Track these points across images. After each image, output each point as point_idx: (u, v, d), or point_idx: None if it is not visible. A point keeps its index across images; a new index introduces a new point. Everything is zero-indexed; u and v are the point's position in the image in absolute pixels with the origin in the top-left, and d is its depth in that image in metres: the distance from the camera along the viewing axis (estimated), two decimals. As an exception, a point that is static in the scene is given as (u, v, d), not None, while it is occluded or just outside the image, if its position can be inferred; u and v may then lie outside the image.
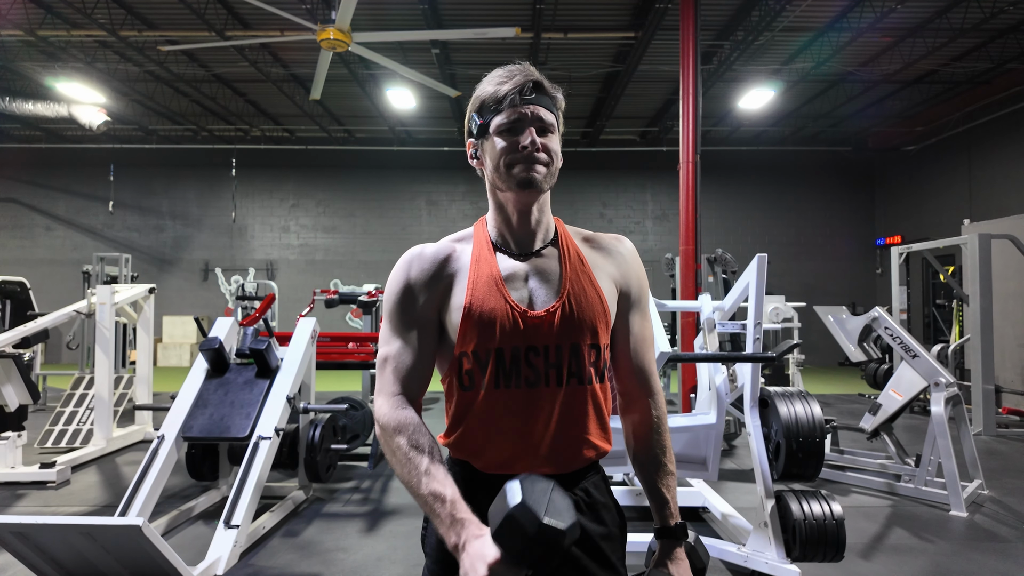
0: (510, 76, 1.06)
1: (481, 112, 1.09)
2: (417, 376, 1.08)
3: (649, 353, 1.18)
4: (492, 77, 1.09)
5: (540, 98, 1.07)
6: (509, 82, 1.06)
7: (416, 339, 1.08)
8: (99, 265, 8.05)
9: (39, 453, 5.02)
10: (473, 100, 1.10)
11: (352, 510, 3.87)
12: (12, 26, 7.77)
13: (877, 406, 4.49)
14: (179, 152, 12.96)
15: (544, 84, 1.08)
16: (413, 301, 1.08)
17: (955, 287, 6.82)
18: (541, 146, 1.05)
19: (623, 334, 1.16)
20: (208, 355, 3.65)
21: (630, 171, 13.18)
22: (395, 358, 1.08)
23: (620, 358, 1.17)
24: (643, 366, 1.17)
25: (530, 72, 1.07)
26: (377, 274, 12.53)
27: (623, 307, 1.15)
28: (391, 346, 1.09)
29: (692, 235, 6.08)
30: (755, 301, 3.02)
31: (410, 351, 1.08)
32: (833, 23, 7.91)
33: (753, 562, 2.81)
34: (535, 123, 1.06)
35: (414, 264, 1.10)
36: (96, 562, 2.27)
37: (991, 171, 10.33)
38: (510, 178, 1.05)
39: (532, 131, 1.05)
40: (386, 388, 1.07)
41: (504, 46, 8.66)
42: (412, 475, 0.97)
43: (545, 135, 1.06)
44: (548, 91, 1.08)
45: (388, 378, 1.08)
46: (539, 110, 1.06)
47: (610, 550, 1.10)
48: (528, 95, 1.05)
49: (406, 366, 1.07)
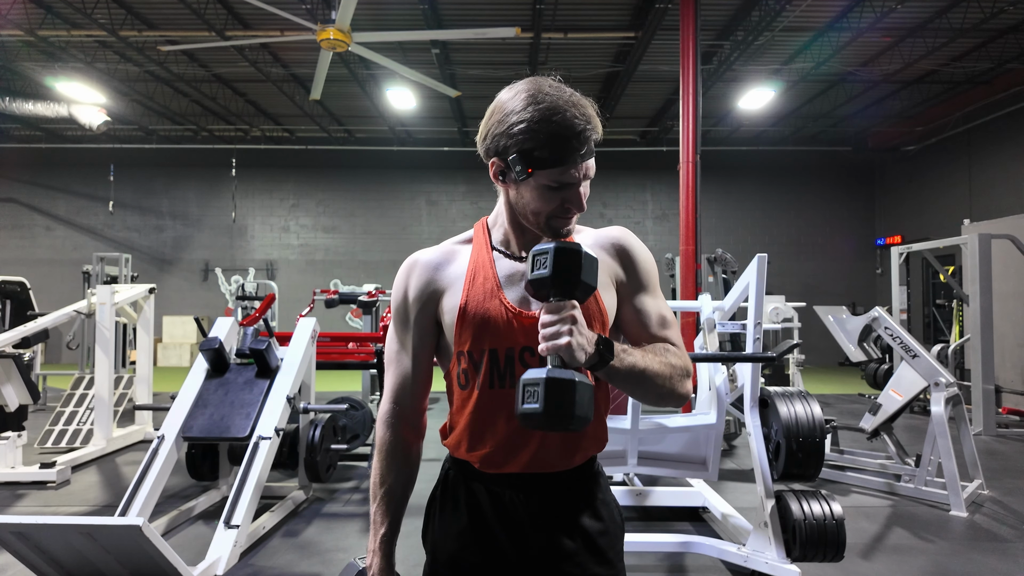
0: (580, 125, 0.95)
1: (523, 145, 0.97)
2: (413, 380, 1.16)
3: (670, 332, 1.10)
4: (543, 111, 0.95)
5: (591, 146, 0.99)
6: (580, 132, 0.95)
7: (414, 345, 1.14)
8: (99, 265, 8.05)
9: (39, 453, 5.02)
10: (502, 124, 0.99)
11: (352, 510, 3.87)
12: (12, 26, 7.77)
13: (877, 406, 4.49)
14: (179, 152, 12.96)
15: (597, 133, 0.98)
16: (411, 311, 1.13)
17: (955, 287, 6.82)
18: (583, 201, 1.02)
19: (632, 318, 1.11)
20: (208, 355, 3.65)
21: (630, 171, 13.18)
22: (396, 362, 1.17)
23: (638, 340, 1.09)
24: (665, 339, 1.09)
25: (592, 122, 0.97)
26: (377, 274, 12.53)
27: (626, 293, 1.11)
28: (393, 347, 1.18)
29: (692, 235, 6.08)
30: (755, 301, 3.02)
31: (408, 357, 1.15)
32: (833, 23, 7.91)
33: (753, 562, 2.81)
34: (586, 179, 1.01)
35: (412, 273, 1.13)
36: (96, 562, 2.27)
37: (991, 171, 10.33)
38: (547, 228, 1.04)
39: (582, 191, 1.01)
40: (387, 390, 1.18)
41: (504, 46, 8.66)
42: (372, 488, 1.19)
43: (588, 183, 1.02)
44: (599, 136, 1.00)
45: (389, 381, 1.18)
46: (591, 165, 1.00)
47: (608, 547, 1.10)
48: (588, 154, 0.98)
49: (404, 370, 1.15)
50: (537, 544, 1.07)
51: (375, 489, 1.17)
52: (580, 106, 0.97)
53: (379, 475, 1.17)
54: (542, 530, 1.07)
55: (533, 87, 0.99)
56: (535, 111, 0.96)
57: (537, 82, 1.00)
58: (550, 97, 0.96)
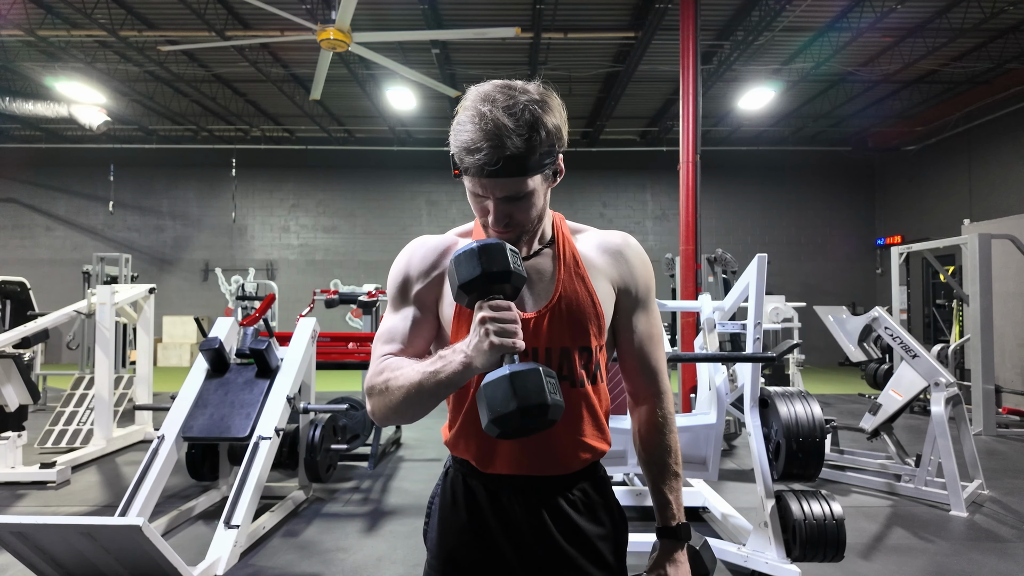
0: (477, 142, 0.93)
1: (453, 144, 0.99)
2: (407, 346, 1.08)
3: (656, 352, 1.16)
4: (465, 125, 0.95)
5: (509, 167, 0.94)
6: (476, 150, 0.94)
7: (411, 316, 1.09)
8: (99, 265, 8.05)
9: (39, 453, 5.02)
10: (451, 131, 0.99)
11: (352, 510, 3.87)
12: (12, 26, 7.77)
13: (877, 406, 4.49)
14: (179, 152, 12.96)
15: (517, 152, 0.93)
16: (411, 286, 1.10)
17: (955, 287, 6.82)
18: (507, 219, 1.00)
19: (627, 334, 1.14)
20: (208, 355, 3.65)
21: (630, 171, 13.18)
22: (387, 332, 1.09)
23: (626, 357, 1.15)
24: (650, 364, 1.15)
25: (500, 141, 0.93)
26: (377, 274, 12.52)
27: (625, 306, 1.13)
28: (385, 324, 1.11)
29: (692, 235, 6.08)
30: (755, 301, 3.02)
31: (404, 325, 1.09)
32: (833, 23, 7.91)
33: (753, 562, 2.81)
34: (499, 197, 0.98)
35: (415, 253, 1.12)
36: (96, 562, 2.27)
37: (991, 171, 10.33)
38: (488, 233, 1.06)
39: (492, 207, 1.00)
40: (372, 359, 1.07)
41: (504, 46, 8.66)
42: (406, 380, 0.97)
43: (514, 202, 0.99)
44: (523, 154, 0.94)
45: (376, 351, 1.08)
46: (503, 184, 0.96)
47: (608, 550, 1.10)
48: (493, 167, 0.94)
49: (398, 334, 1.08)
50: (536, 546, 1.06)
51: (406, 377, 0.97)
52: (501, 124, 0.92)
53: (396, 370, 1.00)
54: (541, 533, 1.06)
55: (485, 92, 0.97)
56: (463, 116, 0.97)
57: (495, 88, 0.97)
58: (482, 107, 0.94)
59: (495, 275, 0.89)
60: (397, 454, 5.34)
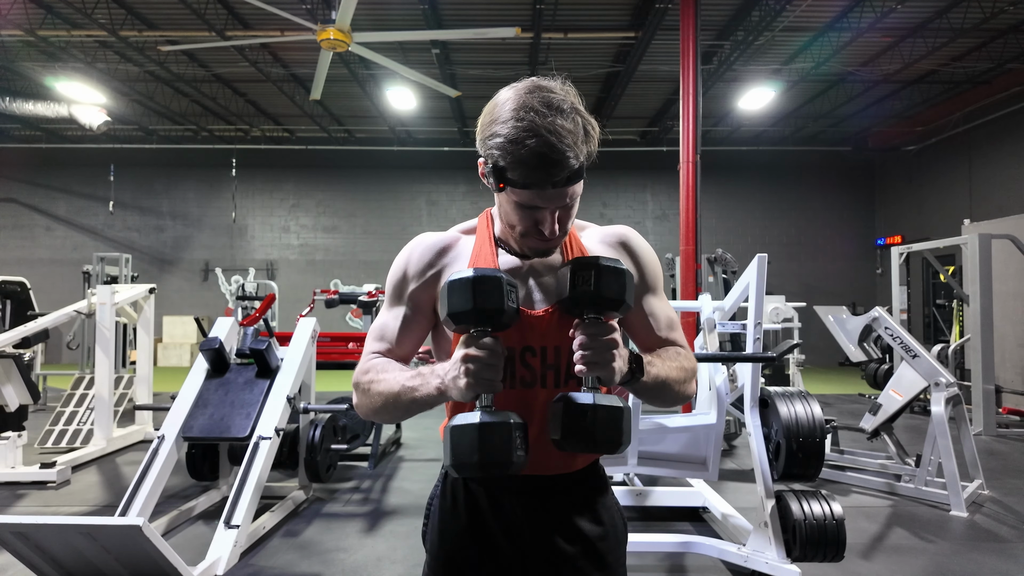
0: (547, 156, 0.89)
1: (497, 161, 0.94)
2: (397, 344, 1.09)
3: (676, 334, 1.13)
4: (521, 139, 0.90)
5: (573, 176, 0.93)
6: (548, 163, 0.89)
7: (403, 315, 1.10)
8: (99, 265, 8.05)
9: (39, 453, 5.02)
10: (487, 128, 0.95)
11: (352, 510, 3.87)
12: (12, 26, 7.77)
13: (877, 406, 4.49)
14: (179, 152, 12.96)
15: (581, 161, 0.92)
16: (407, 285, 1.10)
17: (955, 287, 6.82)
18: (559, 227, 0.98)
19: (641, 320, 1.13)
20: (208, 355, 3.65)
21: (630, 171, 13.17)
22: (379, 329, 1.11)
23: (646, 342, 1.13)
24: (672, 341, 1.13)
25: (572, 152, 0.90)
26: (377, 274, 12.52)
27: (637, 295, 1.11)
28: (379, 320, 1.12)
29: (692, 235, 6.08)
30: (755, 301, 3.02)
31: (395, 325, 1.10)
32: (833, 23, 7.91)
33: (753, 562, 2.81)
34: (558, 206, 0.96)
35: (415, 250, 1.12)
36: (96, 562, 2.27)
37: (991, 171, 10.33)
38: (522, 243, 1.04)
39: (549, 218, 0.97)
40: (363, 353, 1.10)
41: (504, 46, 8.66)
42: (386, 388, 1.00)
43: (566, 209, 0.98)
44: (583, 161, 0.93)
45: (367, 346, 1.11)
46: (563, 193, 0.94)
47: (608, 551, 1.10)
48: (561, 178, 0.92)
49: (388, 333, 1.10)
50: (535, 547, 1.06)
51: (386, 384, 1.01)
52: (560, 133, 0.90)
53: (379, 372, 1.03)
54: (540, 533, 1.06)
55: (525, 98, 0.93)
56: (513, 128, 0.91)
57: (532, 92, 0.94)
58: (531, 116, 0.90)
59: (486, 312, 0.88)
60: (397, 454, 5.34)
